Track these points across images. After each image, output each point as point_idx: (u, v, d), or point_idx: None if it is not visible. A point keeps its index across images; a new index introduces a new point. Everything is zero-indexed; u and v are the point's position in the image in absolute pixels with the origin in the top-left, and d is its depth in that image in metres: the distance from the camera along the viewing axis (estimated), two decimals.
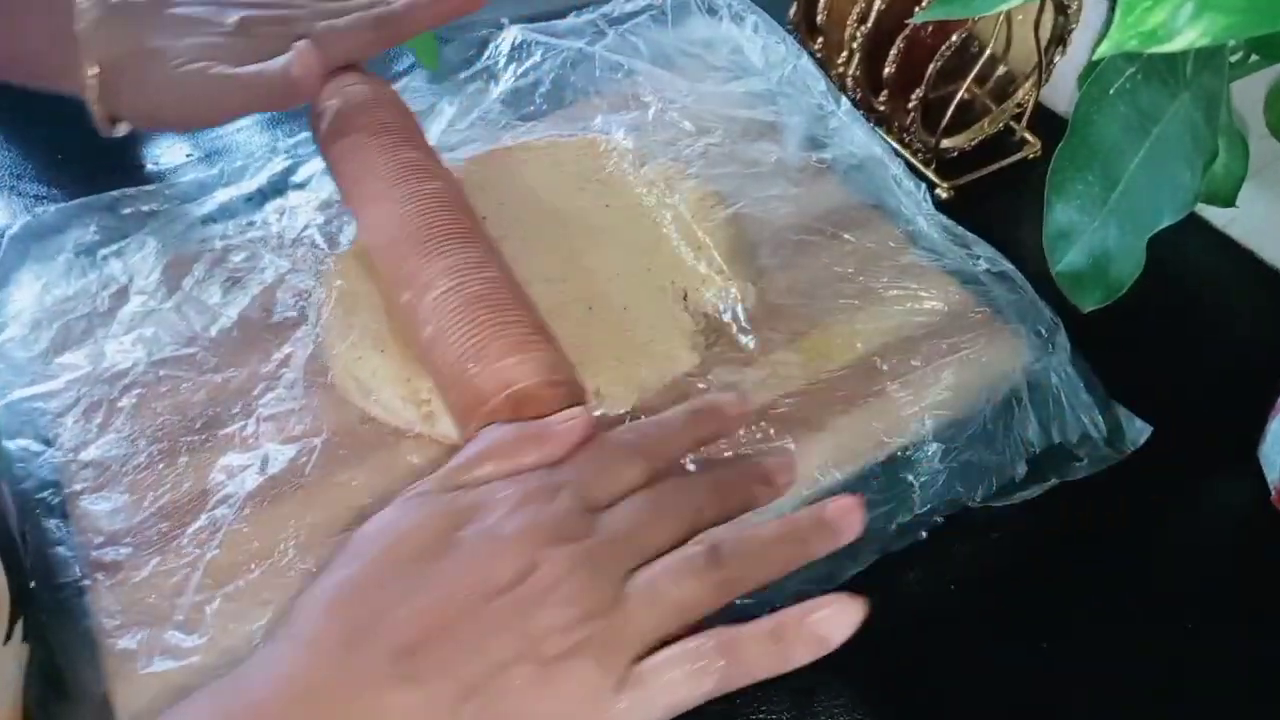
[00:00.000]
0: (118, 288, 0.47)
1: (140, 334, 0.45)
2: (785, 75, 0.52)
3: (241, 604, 0.36)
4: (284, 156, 0.53)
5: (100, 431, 0.41)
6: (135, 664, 0.35)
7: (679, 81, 0.54)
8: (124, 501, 0.39)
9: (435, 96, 0.55)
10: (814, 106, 0.51)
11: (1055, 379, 0.40)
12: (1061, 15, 0.50)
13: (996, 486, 0.39)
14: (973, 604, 0.38)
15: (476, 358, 0.35)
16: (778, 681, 0.36)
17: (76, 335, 0.45)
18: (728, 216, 0.47)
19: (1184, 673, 0.37)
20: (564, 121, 0.53)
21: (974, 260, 0.44)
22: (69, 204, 0.50)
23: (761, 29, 0.54)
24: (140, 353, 0.44)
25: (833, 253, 0.46)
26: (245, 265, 0.47)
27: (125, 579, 0.37)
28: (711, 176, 0.48)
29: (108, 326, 0.45)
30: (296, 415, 0.41)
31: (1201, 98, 0.35)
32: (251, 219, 0.50)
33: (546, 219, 0.47)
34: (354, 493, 0.39)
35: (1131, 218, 0.38)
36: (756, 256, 0.46)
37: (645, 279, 0.45)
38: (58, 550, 0.38)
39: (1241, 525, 0.41)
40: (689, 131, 0.51)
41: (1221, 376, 0.45)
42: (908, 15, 0.46)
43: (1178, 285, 0.48)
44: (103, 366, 0.43)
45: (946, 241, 0.45)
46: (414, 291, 0.37)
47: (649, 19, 0.56)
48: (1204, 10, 0.26)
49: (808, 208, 0.48)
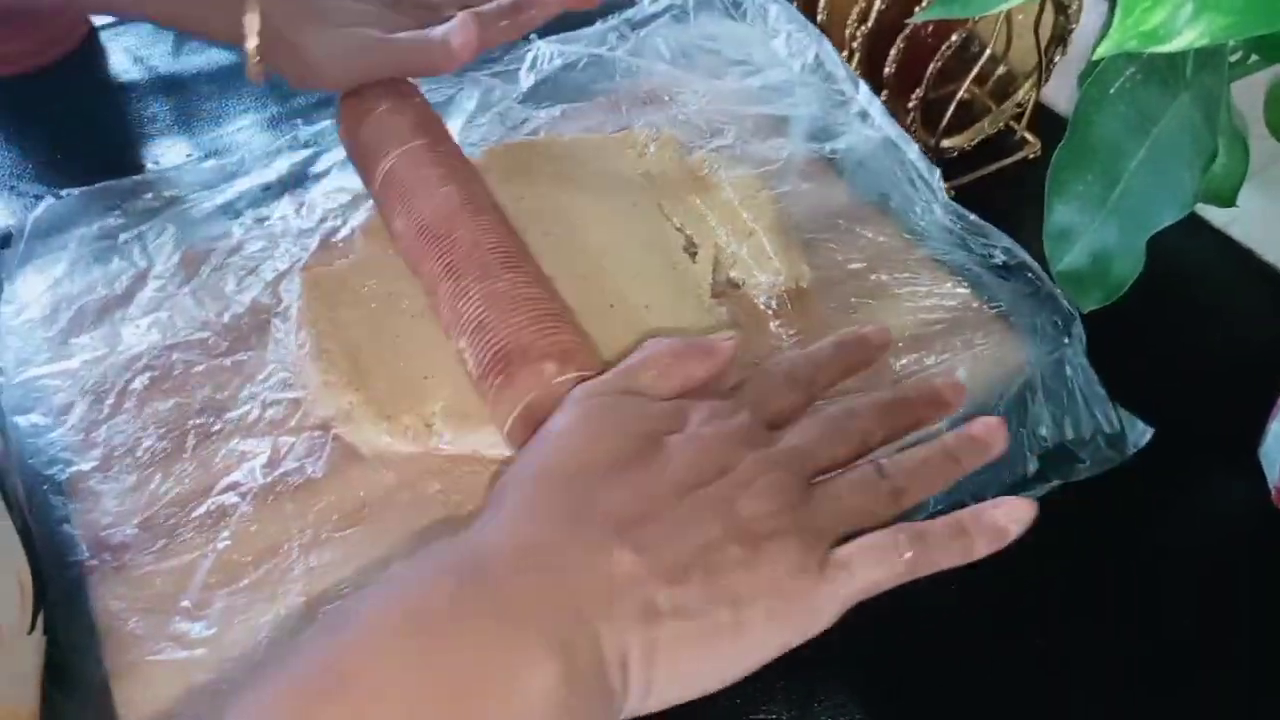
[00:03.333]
0: (136, 272, 0.47)
1: (156, 318, 0.45)
2: (807, 63, 0.52)
3: (249, 595, 0.36)
4: (304, 148, 0.53)
5: (112, 412, 0.41)
6: (140, 650, 0.34)
7: (697, 80, 0.53)
8: (132, 482, 0.39)
9: (454, 89, 0.55)
10: (835, 93, 0.50)
11: (1070, 371, 0.40)
12: (1061, 15, 0.50)
13: (1010, 482, 0.39)
14: (973, 604, 0.38)
15: (515, 342, 0.36)
16: (777, 681, 0.36)
17: (93, 317, 0.45)
18: (772, 198, 0.46)
19: (1184, 672, 0.37)
20: (583, 119, 0.53)
21: (990, 251, 0.44)
22: (92, 188, 0.50)
23: (783, 18, 0.53)
24: (155, 336, 0.44)
25: (846, 249, 0.46)
26: (261, 254, 0.47)
27: (132, 561, 0.37)
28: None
29: (124, 309, 0.45)
30: (307, 405, 0.41)
31: (1201, 98, 0.34)
32: (270, 208, 0.50)
33: (567, 215, 0.47)
34: (362, 485, 0.39)
35: (1131, 218, 0.38)
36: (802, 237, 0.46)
37: (669, 277, 0.44)
38: (64, 529, 0.38)
39: (1241, 525, 0.41)
40: (702, 131, 0.51)
41: (1221, 376, 0.45)
42: (908, 15, 0.46)
43: (1178, 285, 0.48)
44: (118, 349, 0.43)
45: (962, 232, 0.45)
46: (435, 297, 0.40)
47: (670, 18, 0.56)
48: (1204, 10, 0.26)
49: (820, 204, 0.48)
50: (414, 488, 0.38)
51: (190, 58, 0.64)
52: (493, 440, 0.39)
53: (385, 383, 0.41)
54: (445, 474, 0.39)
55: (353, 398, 0.40)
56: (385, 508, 0.38)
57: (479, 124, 0.53)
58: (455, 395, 0.40)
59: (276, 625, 0.35)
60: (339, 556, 0.37)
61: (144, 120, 0.59)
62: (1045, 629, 0.37)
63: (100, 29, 0.66)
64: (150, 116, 0.60)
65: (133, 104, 0.60)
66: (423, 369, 0.41)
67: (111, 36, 0.65)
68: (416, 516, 0.38)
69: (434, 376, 0.41)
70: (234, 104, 0.60)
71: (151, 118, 0.60)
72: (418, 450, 0.39)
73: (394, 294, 0.44)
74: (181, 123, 0.59)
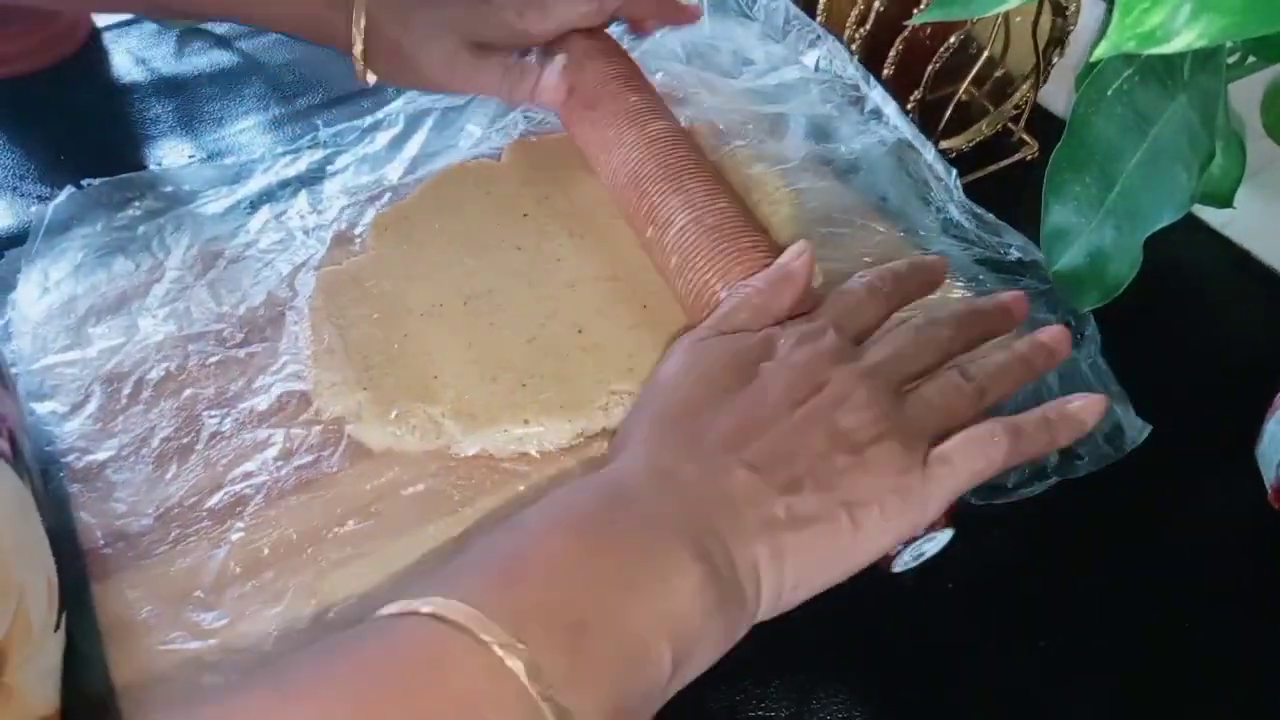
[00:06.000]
0: (154, 263, 0.47)
1: (173, 309, 0.45)
2: (820, 63, 0.52)
3: (262, 586, 0.35)
4: (323, 148, 0.53)
5: (128, 403, 0.41)
6: (152, 639, 0.34)
7: (713, 80, 0.53)
8: (148, 472, 0.39)
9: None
10: (848, 91, 0.50)
11: (1086, 368, 0.40)
12: (1059, 17, 0.50)
13: (1027, 474, 0.39)
14: (972, 603, 0.38)
15: (723, 279, 0.39)
16: (775, 680, 0.36)
17: (111, 307, 0.45)
18: (788, 195, 0.46)
19: (1183, 672, 0.37)
20: None
21: (1005, 249, 0.44)
22: (112, 179, 0.50)
23: (796, 18, 0.53)
24: (171, 328, 0.44)
25: (859, 246, 0.45)
26: (277, 248, 0.47)
27: (146, 551, 0.37)
28: None
29: (142, 300, 0.45)
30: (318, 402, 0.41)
31: (1199, 99, 0.34)
32: (286, 205, 0.50)
33: (595, 214, 0.46)
34: (373, 480, 0.38)
35: (1129, 218, 0.38)
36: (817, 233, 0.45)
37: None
38: (80, 516, 0.38)
39: (1238, 524, 0.41)
40: (719, 130, 0.50)
41: (1218, 377, 0.45)
42: (906, 16, 0.46)
43: (1175, 286, 0.48)
44: (135, 339, 0.43)
45: (976, 229, 0.45)
46: (657, 227, 0.41)
47: None
48: (1202, 11, 0.26)
49: (833, 202, 0.47)
50: (424, 485, 0.38)
51: (193, 59, 0.64)
52: (501, 439, 0.39)
53: (394, 381, 0.40)
54: (454, 472, 0.38)
55: (361, 396, 0.40)
56: (395, 503, 0.38)
57: (500, 125, 0.53)
58: (464, 395, 0.40)
59: (288, 617, 0.35)
60: (350, 551, 0.36)
61: (146, 121, 0.59)
62: (1044, 628, 0.37)
63: (103, 30, 0.66)
64: (153, 118, 0.60)
65: (135, 105, 0.60)
66: (432, 368, 0.41)
67: (114, 38, 0.65)
68: (426, 513, 0.37)
69: (443, 376, 0.41)
70: (236, 105, 0.60)
71: (154, 119, 0.60)
72: (427, 448, 0.39)
73: (404, 293, 0.44)
74: (184, 124, 0.59)
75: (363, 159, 0.52)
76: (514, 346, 0.42)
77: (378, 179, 0.51)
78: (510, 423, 0.39)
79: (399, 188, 0.50)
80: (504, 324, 0.43)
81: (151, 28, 0.66)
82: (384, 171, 0.52)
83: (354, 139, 0.53)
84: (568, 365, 0.41)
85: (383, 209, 0.49)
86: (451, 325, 0.43)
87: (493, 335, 0.42)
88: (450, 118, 0.54)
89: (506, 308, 0.43)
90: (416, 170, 0.51)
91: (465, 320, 0.43)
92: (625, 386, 0.40)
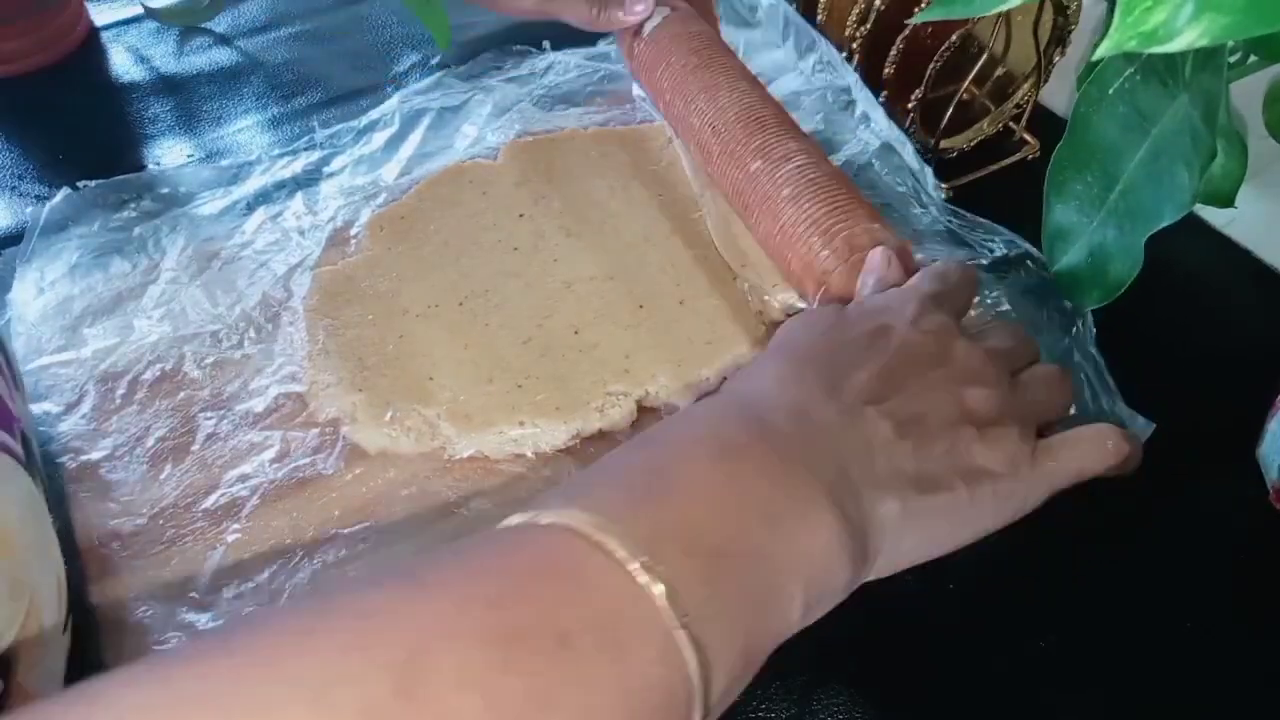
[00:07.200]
0: (150, 264, 0.47)
1: (168, 310, 0.44)
2: (816, 70, 0.52)
3: (257, 587, 0.35)
4: (319, 149, 0.53)
5: (123, 403, 0.41)
6: (147, 639, 0.34)
7: None
8: (143, 472, 0.39)
9: (466, 95, 0.55)
10: (841, 96, 0.50)
11: (1080, 360, 0.40)
12: (1061, 16, 0.50)
13: None
14: (972, 603, 0.38)
15: (847, 216, 0.39)
16: (777, 680, 0.36)
17: (106, 308, 0.45)
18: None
19: (1183, 672, 0.36)
20: (599, 117, 0.53)
21: (991, 245, 0.44)
22: (108, 181, 0.50)
23: (794, 24, 0.53)
24: (166, 328, 0.44)
25: None
26: (272, 249, 0.47)
27: (141, 551, 0.36)
28: None
29: (137, 301, 0.45)
30: (314, 403, 0.41)
31: (1200, 98, 0.34)
32: (282, 205, 0.49)
33: (591, 214, 0.46)
34: (369, 482, 0.38)
35: (1130, 218, 0.37)
36: None
37: (701, 268, 0.43)
38: (74, 516, 0.37)
39: (1240, 525, 0.40)
40: None
41: (1219, 377, 0.45)
42: (907, 15, 0.45)
43: (1176, 285, 0.48)
44: (130, 339, 0.43)
45: (963, 231, 0.45)
46: (767, 161, 0.41)
47: None
48: (1204, 10, 0.25)
49: None
50: (420, 486, 0.38)
51: (191, 58, 0.64)
52: (496, 441, 0.39)
53: (390, 382, 0.40)
54: (450, 473, 0.38)
55: (357, 398, 0.40)
56: (392, 505, 0.37)
57: (496, 126, 0.53)
58: (459, 396, 0.40)
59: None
60: (346, 553, 0.36)
61: (145, 120, 0.59)
62: (1044, 627, 0.37)
63: (101, 29, 0.66)
64: (151, 117, 0.59)
65: (134, 104, 0.60)
66: (428, 369, 0.41)
67: (113, 36, 0.65)
68: (423, 515, 0.37)
69: (438, 377, 0.40)
70: (235, 104, 0.60)
71: (153, 118, 0.59)
72: (422, 450, 0.39)
73: (400, 294, 0.44)
74: (183, 123, 0.59)
75: (359, 159, 0.52)
76: (510, 347, 0.41)
77: (374, 179, 0.51)
78: (506, 424, 0.39)
79: (395, 188, 0.50)
80: (500, 325, 0.42)
81: (151, 26, 0.66)
82: (380, 172, 0.51)
83: (350, 139, 0.53)
84: (564, 366, 0.40)
85: (379, 209, 0.48)
86: (447, 326, 0.42)
87: (489, 336, 0.42)
88: (446, 118, 0.54)
89: (503, 308, 0.43)
90: (412, 171, 0.51)
91: (461, 321, 0.43)
92: (621, 387, 0.39)
